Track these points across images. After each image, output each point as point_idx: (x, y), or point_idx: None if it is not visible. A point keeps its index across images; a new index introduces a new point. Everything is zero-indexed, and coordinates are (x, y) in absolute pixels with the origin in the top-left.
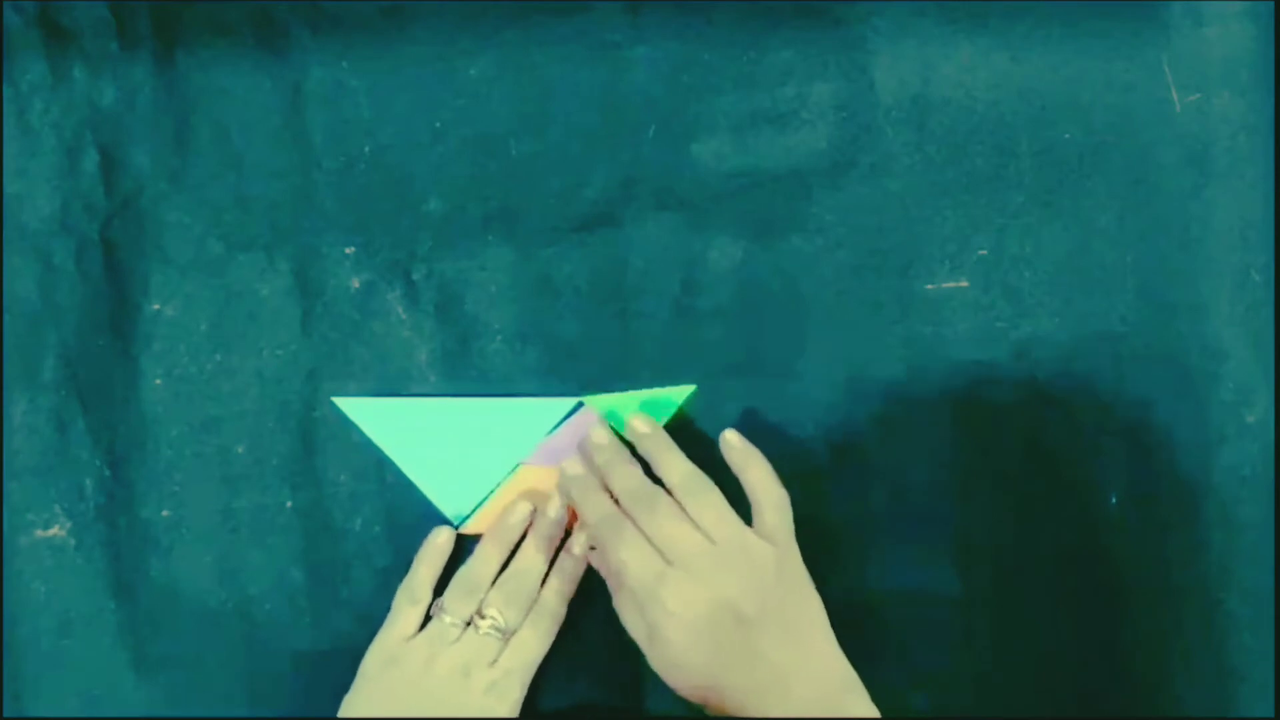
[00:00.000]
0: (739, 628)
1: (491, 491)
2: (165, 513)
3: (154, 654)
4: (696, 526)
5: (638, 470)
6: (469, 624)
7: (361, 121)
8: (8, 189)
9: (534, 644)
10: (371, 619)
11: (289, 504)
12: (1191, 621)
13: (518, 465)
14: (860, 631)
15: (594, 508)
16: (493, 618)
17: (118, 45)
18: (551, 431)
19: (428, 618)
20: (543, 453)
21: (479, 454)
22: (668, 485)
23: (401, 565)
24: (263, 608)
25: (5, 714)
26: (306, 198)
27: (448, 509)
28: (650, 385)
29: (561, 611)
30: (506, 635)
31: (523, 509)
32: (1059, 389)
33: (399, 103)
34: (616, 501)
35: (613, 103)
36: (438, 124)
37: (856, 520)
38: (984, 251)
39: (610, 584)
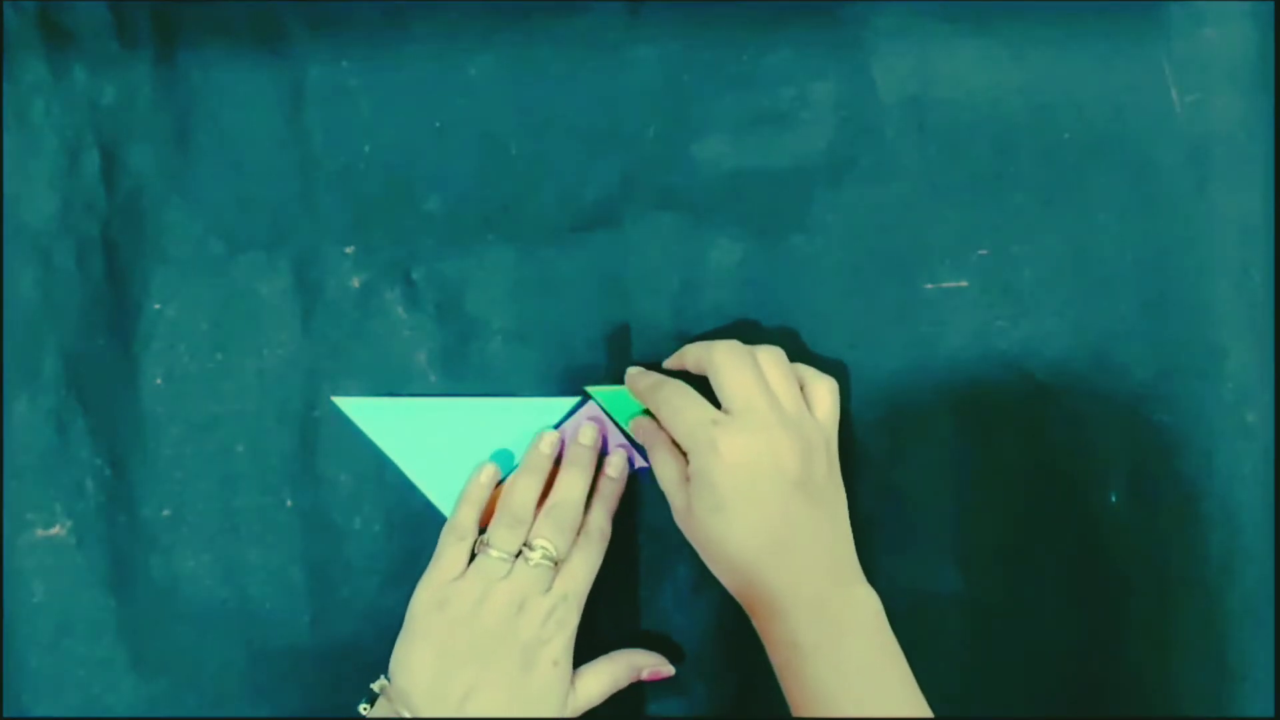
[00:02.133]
0: (781, 485)
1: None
2: (165, 512)
3: (154, 654)
4: (765, 384)
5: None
6: (518, 556)
7: (361, 121)
8: (8, 189)
9: (585, 568)
10: (372, 619)
11: (289, 503)
12: (1191, 620)
13: (517, 465)
14: None
15: (646, 378)
16: (543, 547)
17: (118, 45)
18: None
19: (473, 556)
20: None
21: (478, 454)
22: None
23: (402, 565)
24: (263, 607)
25: (5, 714)
26: (306, 198)
27: (447, 508)
28: None
29: (608, 532)
30: (556, 564)
31: (552, 438)
32: (1059, 389)
33: (399, 103)
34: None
35: (613, 103)
36: (438, 124)
37: (856, 519)
38: (984, 251)
39: (649, 441)
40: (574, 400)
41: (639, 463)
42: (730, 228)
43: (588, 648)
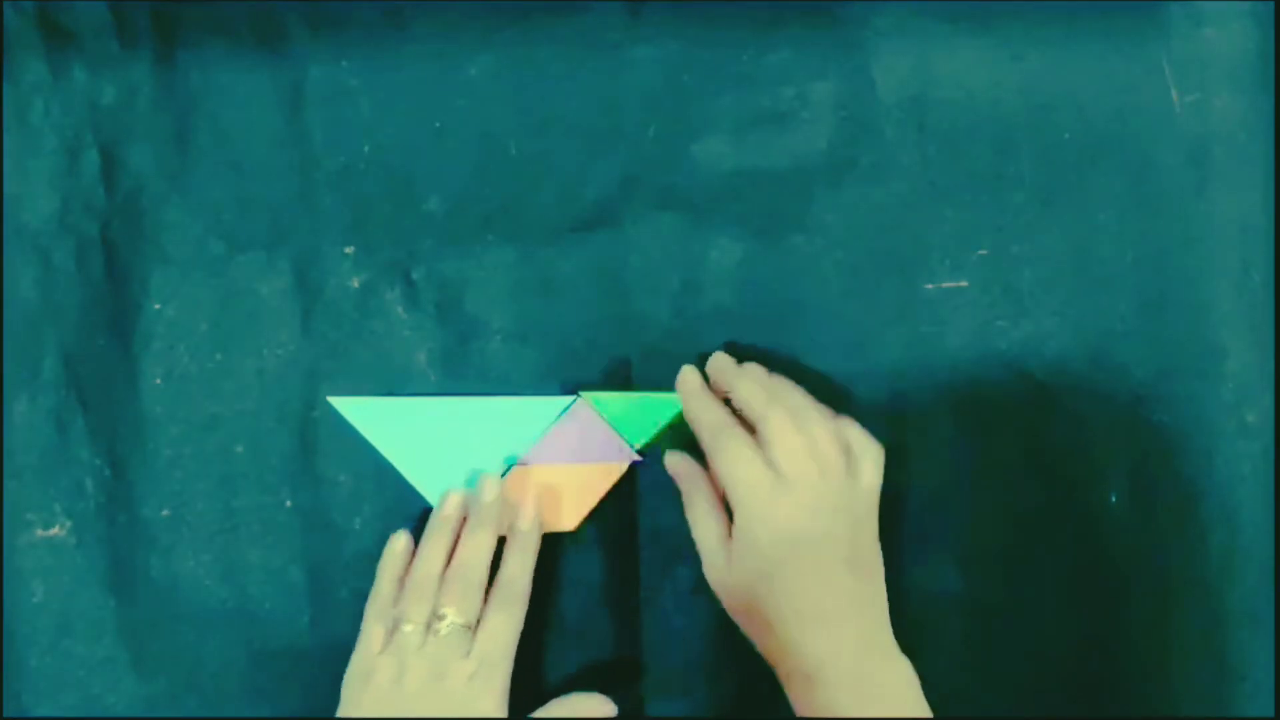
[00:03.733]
0: (830, 559)
1: None
2: (165, 512)
3: (154, 654)
4: (816, 450)
5: (759, 381)
6: (430, 627)
7: (361, 121)
8: (8, 189)
9: (505, 628)
10: None
11: (289, 503)
12: (1191, 620)
13: (514, 464)
14: None
15: (710, 414)
16: (450, 616)
17: (118, 45)
18: (548, 430)
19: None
20: (539, 451)
21: (475, 453)
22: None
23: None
24: (263, 607)
25: (5, 714)
26: (306, 198)
27: None
28: (650, 385)
29: (526, 587)
30: (471, 628)
31: (454, 500)
32: (1059, 389)
33: (399, 103)
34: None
35: (613, 103)
36: (438, 124)
37: None
38: (984, 251)
39: (689, 489)
40: (570, 399)
41: (633, 458)
42: (730, 228)
43: (588, 647)
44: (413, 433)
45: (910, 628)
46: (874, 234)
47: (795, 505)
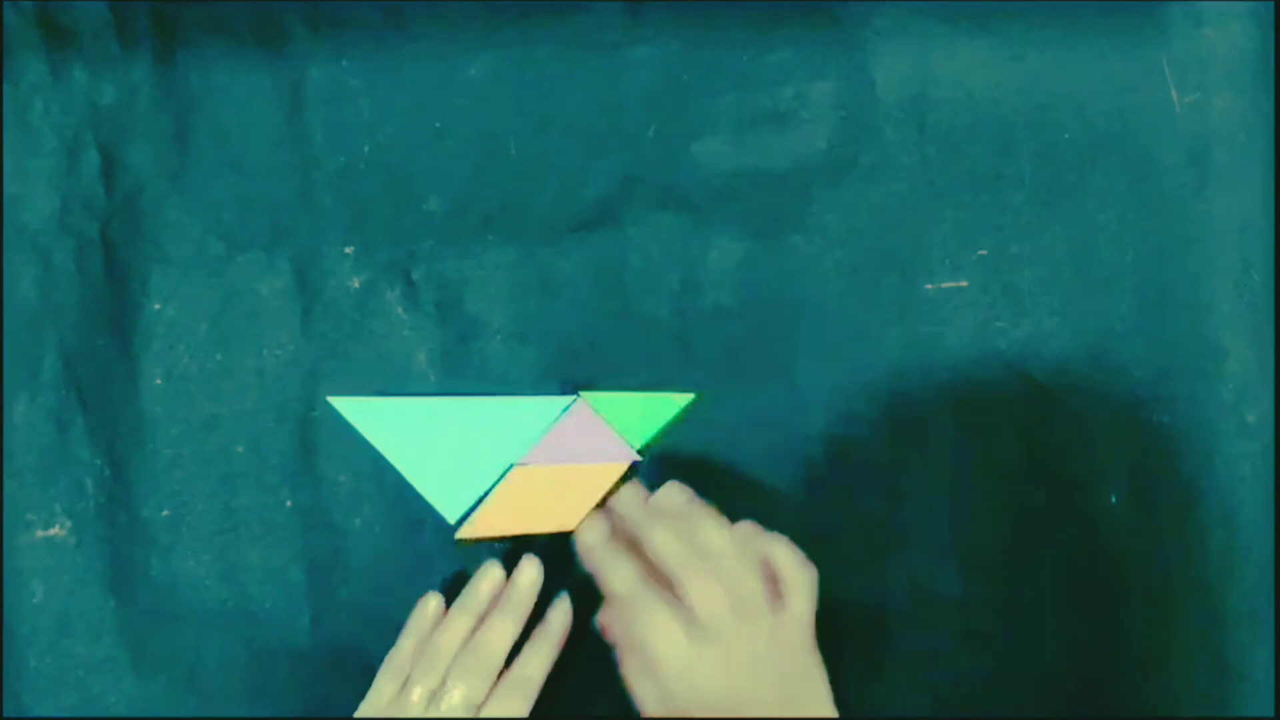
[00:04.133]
0: (760, 707)
1: (488, 491)
2: (165, 512)
3: (154, 654)
4: (732, 593)
5: (672, 527)
6: (435, 697)
7: (361, 121)
8: (8, 189)
9: (508, 715)
10: (371, 619)
11: (289, 503)
12: (1191, 620)
13: (514, 465)
14: (860, 632)
15: (620, 579)
16: (455, 693)
17: (118, 45)
18: (548, 430)
19: None
20: (539, 451)
21: (475, 453)
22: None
23: (401, 566)
24: (262, 607)
25: (5, 714)
26: (306, 198)
27: (444, 509)
28: (650, 385)
29: (539, 682)
30: (473, 709)
31: (494, 574)
32: (1059, 389)
33: (399, 103)
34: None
35: (613, 103)
36: (438, 124)
37: (854, 520)
38: (984, 251)
39: (622, 652)
40: (570, 399)
41: (633, 458)
42: (730, 228)
43: (588, 648)
44: (413, 433)
45: (910, 627)
46: (874, 234)
47: (715, 665)
